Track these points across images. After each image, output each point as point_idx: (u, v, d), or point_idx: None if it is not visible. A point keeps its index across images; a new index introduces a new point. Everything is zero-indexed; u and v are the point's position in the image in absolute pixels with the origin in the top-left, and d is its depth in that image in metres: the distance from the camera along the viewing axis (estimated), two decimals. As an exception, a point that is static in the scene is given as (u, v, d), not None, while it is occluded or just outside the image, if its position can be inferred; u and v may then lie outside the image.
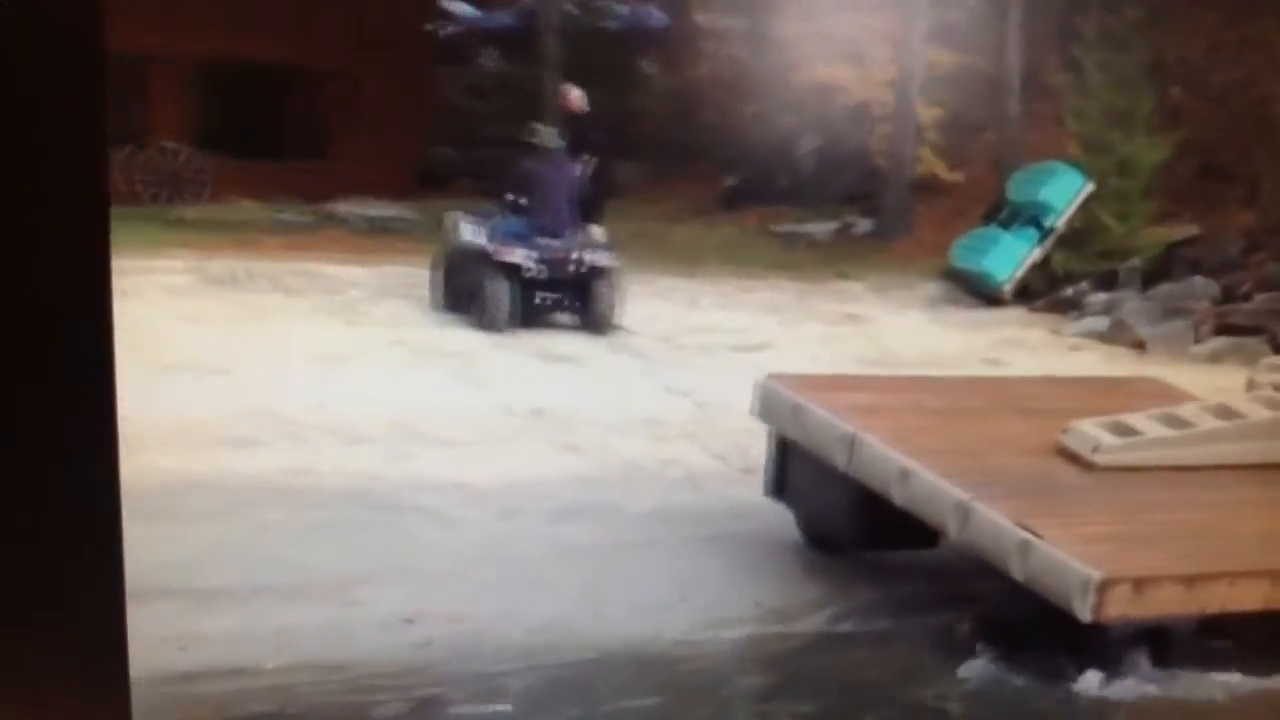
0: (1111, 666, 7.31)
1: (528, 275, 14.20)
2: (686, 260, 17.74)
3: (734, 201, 20.98)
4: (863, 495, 8.31)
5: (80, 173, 1.82)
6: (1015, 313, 16.67)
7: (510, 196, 14.66)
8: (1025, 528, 7.31)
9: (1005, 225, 17.54)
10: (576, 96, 16.86)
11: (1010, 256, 17.18)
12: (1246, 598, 7.48)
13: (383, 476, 9.76)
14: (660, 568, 8.69)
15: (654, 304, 15.22)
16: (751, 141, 20.70)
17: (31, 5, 1.76)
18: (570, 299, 14.38)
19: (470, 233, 14.59)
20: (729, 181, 21.40)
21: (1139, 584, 7.20)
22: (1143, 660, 7.37)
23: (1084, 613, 7.05)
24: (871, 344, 14.60)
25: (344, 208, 19.69)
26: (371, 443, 10.37)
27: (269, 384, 11.66)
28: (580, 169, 15.08)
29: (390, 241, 18.07)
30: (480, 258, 14.32)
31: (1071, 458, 8.34)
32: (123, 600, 1.92)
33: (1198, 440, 8.53)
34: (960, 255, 17.69)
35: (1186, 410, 8.91)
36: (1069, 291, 16.72)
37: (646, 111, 21.69)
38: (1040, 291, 17.09)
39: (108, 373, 1.86)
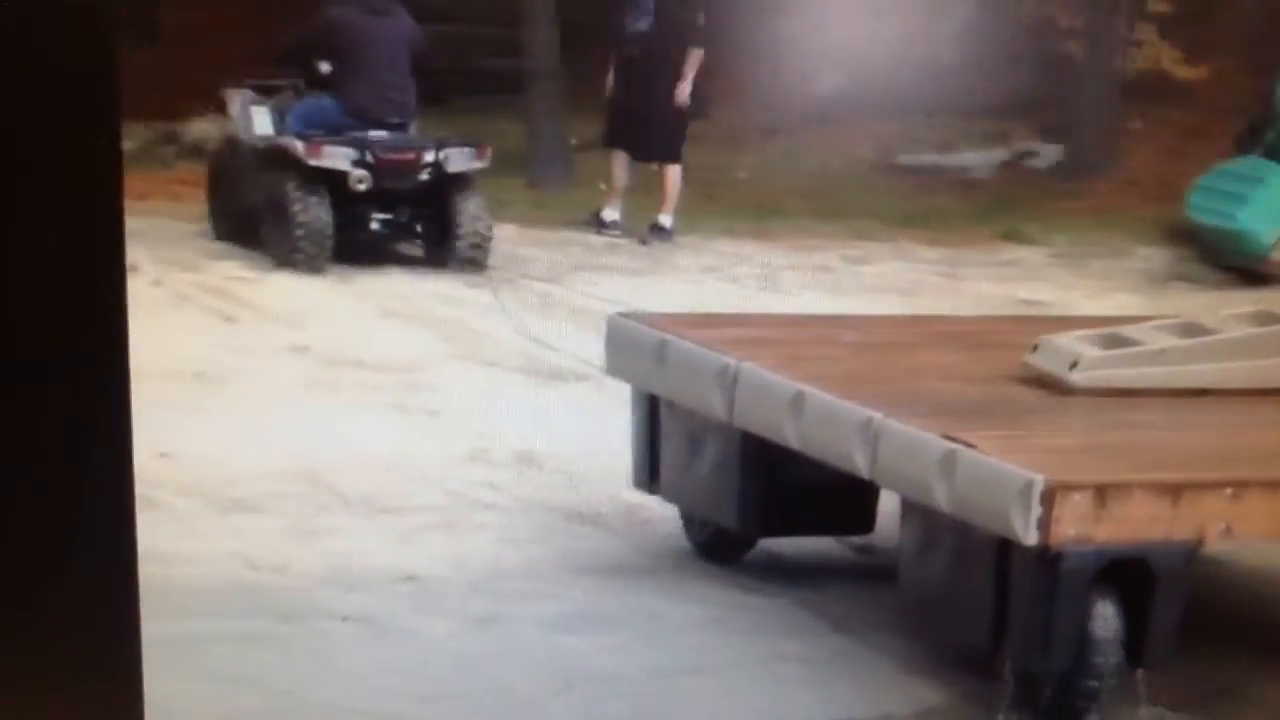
0: (1068, 619, 6.60)
1: (354, 187, 12.63)
2: (756, 210, 16.34)
3: (832, 112, 18.66)
4: (756, 457, 7.91)
5: (91, 166, 2.11)
6: (1293, 297, 14.80)
7: (316, 64, 13.00)
8: (951, 439, 6.85)
9: (1275, 154, 15.61)
10: None
11: (1284, 206, 15.47)
12: (1259, 517, 6.85)
13: (289, 565, 8.41)
14: (722, 709, 7.39)
15: (705, 281, 13.92)
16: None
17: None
18: (412, 221, 13.02)
19: (265, 122, 13.09)
20: (827, 82, 19.03)
21: (1102, 493, 6.57)
22: (1113, 616, 6.56)
23: (1026, 533, 6.51)
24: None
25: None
26: (262, 510, 8.92)
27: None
28: (412, 24, 13.27)
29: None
30: (278, 160, 12.75)
31: (1039, 383, 7.92)
32: (135, 591, 2.22)
33: (1226, 350, 8.02)
34: (1202, 204, 15.76)
35: (1213, 318, 8.52)
36: (1388, 261, 14.97)
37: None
38: (1336, 263, 15.26)
39: (121, 362, 2.16)
